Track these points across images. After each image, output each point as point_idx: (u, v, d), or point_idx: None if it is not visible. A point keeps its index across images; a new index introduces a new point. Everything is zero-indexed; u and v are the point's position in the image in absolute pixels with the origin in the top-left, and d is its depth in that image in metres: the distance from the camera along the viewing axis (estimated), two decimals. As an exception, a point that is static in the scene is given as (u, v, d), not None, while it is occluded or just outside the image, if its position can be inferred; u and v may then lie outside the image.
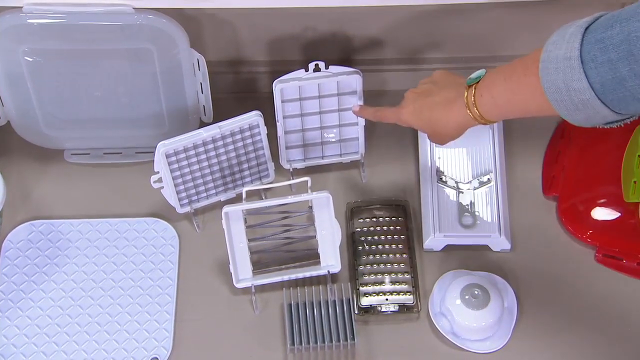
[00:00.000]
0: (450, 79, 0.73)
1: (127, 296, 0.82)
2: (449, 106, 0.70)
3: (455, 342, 0.80)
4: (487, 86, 0.67)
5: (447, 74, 0.74)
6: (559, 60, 0.57)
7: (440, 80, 0.74)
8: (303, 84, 0.85)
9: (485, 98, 0.67)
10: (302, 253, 0.85)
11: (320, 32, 0.91)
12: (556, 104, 0.59)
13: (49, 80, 0.84)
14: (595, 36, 0.56)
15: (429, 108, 0.72)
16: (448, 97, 0.71)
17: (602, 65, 0.55)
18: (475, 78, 0.68)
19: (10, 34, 0.79)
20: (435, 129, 0.72)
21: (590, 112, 0.57)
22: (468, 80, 0.69)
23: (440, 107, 0.71)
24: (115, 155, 0.91)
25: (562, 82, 0.57)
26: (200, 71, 0.85)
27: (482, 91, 0.67)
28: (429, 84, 0.74)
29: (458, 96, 0.69)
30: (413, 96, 0.75)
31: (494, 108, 0.67)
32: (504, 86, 0.65)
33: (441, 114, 0.71)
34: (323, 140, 0.90)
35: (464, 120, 0.69)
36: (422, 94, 0.74)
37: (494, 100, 0.66)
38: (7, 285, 0.81)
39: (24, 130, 0.89)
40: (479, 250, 0.86)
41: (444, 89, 0.72)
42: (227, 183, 0.88)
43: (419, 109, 0.73)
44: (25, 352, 0.78)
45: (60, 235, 0.85)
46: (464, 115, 0.69)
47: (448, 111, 0.70)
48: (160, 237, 0.86)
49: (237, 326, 0.81)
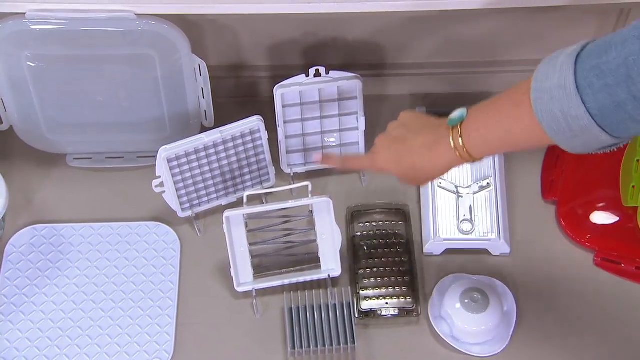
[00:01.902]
0: (423, 121, 0.71)
1: (128, 300, 0.82)
2: (432, 150, 0.68)
3: (455, 346, 0.80)
4: (474, 126, 0.65)
5: (416, 115, 0.72)
6: (553, 90, 0.57)
7: (412, 124, 0.71)
8: (304, 89, 0.86)
9: (474, 138, 0.65)
10: (302, 257, 0.85)
11: (321, 38, 0.92)
12: (553, 133, 0.58)
13: (51, 85, 0.85)
14: (589, 63, 0.55)
15: (409, 154, 0.69)
16: (428, 141, 0.68)
17: (600, 91, 0.55)
18: (457, 119, 0.66)
19: (13, 39, 0.79)
20: (418, 173, 0.70)
21: (588, 138, 0.57)
22: (449, 121, 0.66)
23: (422, 152, 0.68)
24: (117, 159, 0.91)
25: (559, 110, 0.57)
26: (201, 76, 0.85)
27: (469, 132, 0.65)
28: (401, 128, 0.71)
29: (440, 138, 0.67)
30: (386, 142, 0.72)
31: (485, 147, 0.65)
32: (494, 124, 0.63)
33: (425, 159, 0.68)
34: (323, 145, 0.91)
35: (450, 161, 0.67)
36: (396, 139, 0.71)
37: (485, 140, 0.64)
38: (10, 289, 0.82)
39: (26, 135, 0.89)
40: (478, 255, 0.86)
41: (419, 133, 0.69)
42: (228, 187, 0.89)
43: (397, 155, 0.70)
44: (27, 355, 0.78)
45: (63, 240, 0.85)
46: (451, 157, 0.66)
47: (432, 155, 0.68)
48: (162, 241, 0.86)
49: (238, 330, 0.81)
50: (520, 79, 0.97)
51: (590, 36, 0.97)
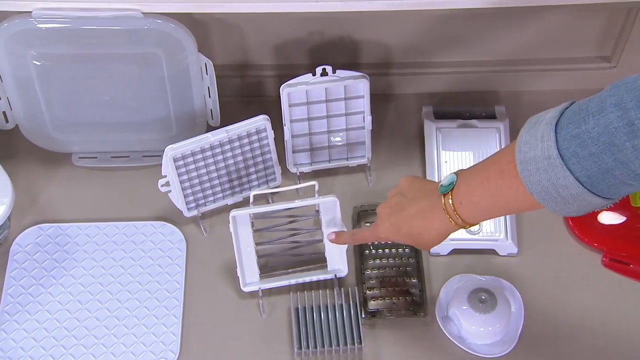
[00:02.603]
0: (418, 187, 0.71)
1: (134, 300, 0.81)
2: (427, 217, 0.68)
3: (462, 346, 0.79)
4: (464, 194, 0.65)
5: (413, 181, 0.72)
6: (539, 161, 0.56)
7: (408, 191, 0.71)
8: (310, 88, 0.85)
9: (465, 205, 0.65)
10: (309, 257, 0.84)
11: (327, 37, 0.91)
12: (546, 203, 0.58)
13: (57, 84, 0.84)
14: (569, 132, 0.55)
15: (406, 223, 0.70)
16: (422, 208, 0.68)
17: (585, 160, 0.54)
18: (447, 185, 0.66)
19: (19, 38, 0.79)
20: (418, 240, 0.70)
21: (582, 204, 0.57)
22: (440, 188, 0.66)
23: (417, 219, 0.69)
24: (123, 159, 0.90)
25: (547, 181, 0.56)
26: (207, 75, 0.84)
27: (460, 199, 0.65)
28: (398, 196, 0.72)
29: (433, 206, 0.67)
30: (386, 212, 0.72)
31: (477, 214, 0.65)
32: (483, 191, 0.63)
33: (421, 226, 0.69)
34: (330, 144, 0.90)
35: (446, 228, 0.67)
36: (394, 208, 0.71)
37: (476, 207, 0.64)
38: (16, 289, 0.81)
39: (31, 134, 0.88)
40: (485, 255, 0.85)
41: (414, 200, 0.70)
42: (234, 187, 0.88)
43: (396, 224, 0.71)
44: (33, 355, 0.77)
45: (68, 239, 0.84)
46: (446, 223, 0.66)
47: (427, 222, 0.68)
48: (168, 241, 0.85)
49: (245, 330, 0.81)
50: (525, 78, 0.99)
51: (596, 33, 0.96)
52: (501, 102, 0.96)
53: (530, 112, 0.95)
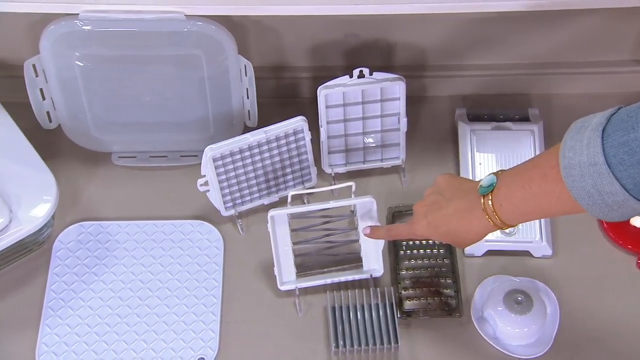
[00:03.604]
0: (456, 186, 0.70)
1: (174, 297, 0.81)
2: (466, 217, 0.67)
3: (498, 347, 0.79)
4: (505, 196, 0.64)
5: (450, 179, 0.72)
6: (584, 167, 0.56)
7: (446, 190, 0.71)
8: (347, 90, 0.85)
9: (506, 207, 0.64)
10: (344, 257, 0.84)
11: (362, 39, 0.91)
12: (589, 208, 0.57)
13: (99, 85, 0.84)
14: (617, 139, 0.54)
15: (444, 222, 0.69)
16: (461, 208, 0.68)
17: (633, 167, 0.54)
18: (487, 187, 0.65)
19: (64, 40, 0.79)
20: (455, 239, 0.70)
21: (626, 210, 0.56)
22: (480, 189, 0.66)
23: (456, 219, 0.68)
24: (161, 158, 0.91)
25: (592, 187, 0.56)
26: (247, 77, 0.84)
27: (501, 201, 0.64)
28: (435, 195, 0.71)
29: (473, 206, 0.66)
30: (423, 210, 0.72)
31: (517, 215, 0.64)
32: (524, 194, 0.62)
33: (459, 226, 0.68)
34: (365, 146, 0.90)
35: (484, 228, 0.67)
36: (431, 207, 0.71)
37: (517, 209, 0.64)
38: (58, 285, 0.81)
39: (74, 134, 0.89)
40: (519, 256, 0.85)
41: (452, 199, 0.69)
42: (271, 187, 0.88)
43: (433, 223, 0.70)
44: (76, 350, 0.78)
45: (109, 237, 0.85)
46: (485, 224, 0.66)
47: (466, 222, 0.67)
48: (206, 240, 0.86)
49: (281, 328, 0.81)
50: (557, 81, 0.98)
51: (631, 37, 0.95)
52: (533, 105, 0.96)
53: (563, 115, 0.96)
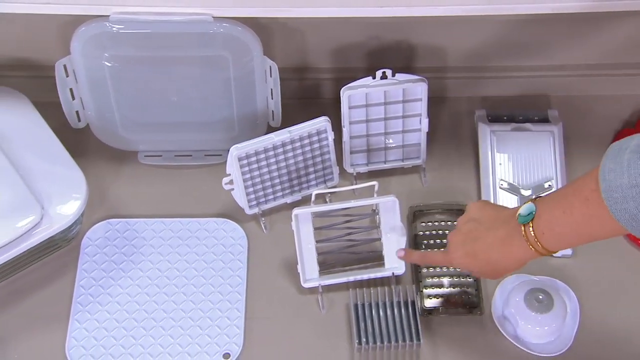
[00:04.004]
0: (492, 215, 0.70)
1: (199, 293, 0.82)
2: (506, 246, 0.67)
3: (519, 345, 0.79)
4: (546, 223, 0.63)
5: (484, 207, 0.71)
6: (625, 189, 0.55)
7: (482, 218, 0.70)
8: (370, 91, 0.85)
9: (548, 235, 0.64)
10: (366, 255, 0.85)
11: (385, 41, 0.91)
12: (633, 229, 0.57)
13: (128, 85, 0.86)
14: None
15: (483, 251, 0.69)
16: (500, 237, 0.67)
17: None
18: (527, 215, 0.65)
19: (95, 41, 0.80)
20: (495, 267, 0.69)
21: None
22: (519, 218, 0.65)
23: (496, 248, 0.68)
24: (186, 157, 0.91)
25: (635, 209, 0.56)
26: (271, 78, 0.85)
27: (542, 229, 0.64)
28: (471, 223, 0.70)
29: (513, 235, 0.66)
30: (459, 240, 0.71)
31: (560, 242, 0.64)
32: (567, 220, 0.62)
33: (500, 255, 0.67)
34: (386, 146, 0.90)
35: (525, 256, 0.66)
36: (468, 236, 0.70)
37: (560, 236, 0.63)
38: (87, 281, 0.83)
39: (101, 133, 0.90)
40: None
41: (490, 229, 0.69)
42: (294, 186, 0.89)
43: (472, 253, 0.70)
44: (105, 344, 0.79)
45: (136, 234, 0.86)
46: (526, 252, 0.65)
47: (506, 251, 0.67)
48: (230, 237, 0.86)
49: (305, 324, 0.81)
50: (577, 83, 0.98)
51: None
52: (552, 107, 0.96)
53: (581, 117, 0.96)
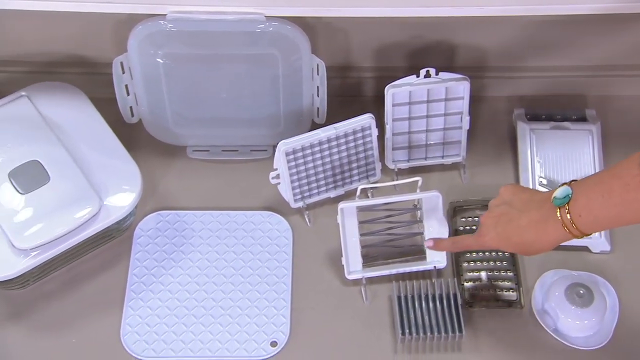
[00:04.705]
0: (526, 198, 0.69)
1: (246, 283, 0.84)
2: (541, 228, 0.67)
3: (559, 338, 0.80)
4: (584, 206, 0.64)
5: (517, 190, 0.71)
6: None
7: (515, 201, 0.70)
8: (413, 89, 0.86)
9: (585, 217, 0.64)
10: (408, 248, 0.86)
11: (427, 40, 0.92)
12: None
13: (180, 82, 0.87)
14: None
15: (517, 233, 0.69)
16: (534, 219, 0.67)
17: None
18: (562, 198, 0.65)
19: (150, 39, 0.82)
20: (528, 249, 0.69)
21: None
22: (555, 200, 0.65)
23: (530, 230, 0.68)
24: (232, 152, 0.93)
25: None
26: (318, 75, 0.86)
27: (579, 211, 0.64)
28: (504, 206, 0.70)
29: (548, 217, 0.66)
30: (492, 222, 0.71)
31: (596, 225, 0.64)
32: (605, 204, 0.62)
33: (534, 237, 0.67)
34: (427, 143, 0.91)
35: (560, 238, 0.66)
36: (500, 218, 0.70)
37: (597, 219, 0.63)
38: (140, 270, 0.84)
39: (153, 128, 0.92)
40: (578, 251, 0.86)
41: (523, 211, 0.68)
42: (337, 181, 0.90)
43: (504, 234, 0.70)
44: (158, 330, 0.80)
45: (185, 225, 0.87)
46: (561, 234, 0.65)
47: (541, 233, 0.67)
48: (275, 230, 0.88)
49: (349, 315, 0.82)
50: (614, 83, 0.98)
51: None
52: (589, 106, 0.96)
53: (619, 117, 0.96)
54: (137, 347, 0.79)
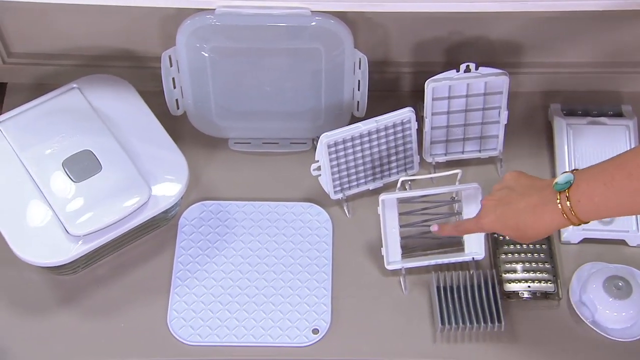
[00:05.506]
0: (527, 183, 0.70)
1: (288, 272, 0.85)
2: (538, 212, 0.67)
3: (597, 330, 0.80)
4: (585, 192, 0.64)
5: (520, 176, 0.72)
6: None
7: (516, 186, 0.71)
8: (453, 84, 0.87)
9: (584, 204, 0.64)
10: (446, 240, 0.86)
11: (465, 36, 0.92)
12: None
13: (224, 76, 0.88)
14: None
15: (514, 216, 0.69)
16: (532, 203, 0.68)
17: None
18: (564, 183, 0.65)
19: (198, 33, 0.83)
20: (522, 233, 0.69)
21: None
22: (556, 185, 0.66)
23: (527, 213, 0.68)
24: (273, 144, 0.94)
25: None
26: (360, 70, 0.87)
27: (579, 197, 0.64)
28: (505, 190, 0.71)
29: (546, 201, 0.66)
30: (492, 204, 0.72)
31: (595, 212, 0.64)
32: (606, 192, 0.62)
33: (530, 220, 0.68)
34: (465, 137, 0.92)
35: (556, 223, 0.66)
36: (500, 201, 0.71)
37: (596, 206, 0.64)
38: (185, 257, 0.85)
39: (197, 120, 0.93)
40: (615, 245, 0.86)
41: (524, 195, 0.69)
42: (376, 173, 0.90)
43: (502, 217, 0.70)
44: (203, 317, 0.81)
45: (228, 215, 0.88)
46: (557, 219, 0.66)
47: (537, 217, 0.67)
48: (315, 220, 0.88)
49: (388, 305, 0.83)
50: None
51: None
52: (624, 102, 0.96)
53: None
54: (183, 332, 0.80)
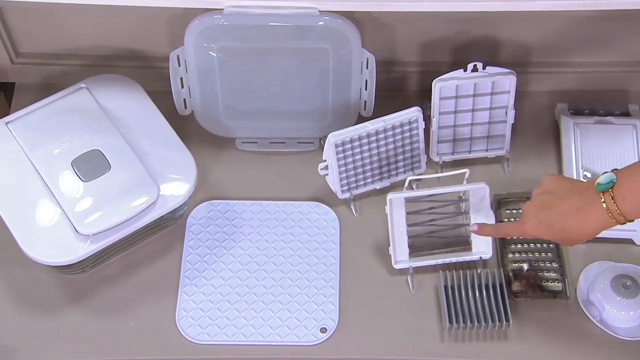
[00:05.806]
0: (567, 186, 0.70)
1: (295, 271, 0.84)
2: (582, 214, 0.67)
3: (604, 329, 0.79)
4: (628, 190, 0.64)
5: (559, 180, 0.72)
6: None
7: (557, 189, 0.70)
8: (460, 83, 0.86)
9: (629, 201, 0.64)
10: (454, 239, 0.86)
11: (472, 35, 0.92)
12: None
13: (232, 75, 0.88)
14: None
15: (558, 220, 0.69)
16: (576, 206, 0.68)
17: None
18: (606, 183, 0.65)
19: (206, 33, 0.83)
20: (568, 236, 0.69)
21: None
22: (598, 186, 0.66)
23: (571, 217, 0.68)
24: (280, 144, 0.93)
25: None
26: (367, 69, 0.87)
27: (623, 195, 0.64)
28: (546, 195, 0.71)
29: (589, 203, 0.66)
30: (534, 210, 0.71)
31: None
32: None
33: (575, 223, 0.68)
34: (472, 136, 0.91)
35: (602, 223, 0.67)
36: (542, 206, 0.70)
37: None
38: (193, 257, 0.85)
39: (205, 120, 0.92)
40: (622, 244, 0.85)
41: (566, 198, 0.69)
42: (383, 173, 0.90)
43: (546, 222, 0.70)
44: (211, 315, 0.81)
45: (235, 214, 0.88)
46: (603, 220, 0.66)
47: (583, 220, 0.67)
48: (322, 220, 0.88)
49: (396, 304, 0.83)
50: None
51: None
52: (631, 101, 0.95)
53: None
54: (191, 331, 0.80)
